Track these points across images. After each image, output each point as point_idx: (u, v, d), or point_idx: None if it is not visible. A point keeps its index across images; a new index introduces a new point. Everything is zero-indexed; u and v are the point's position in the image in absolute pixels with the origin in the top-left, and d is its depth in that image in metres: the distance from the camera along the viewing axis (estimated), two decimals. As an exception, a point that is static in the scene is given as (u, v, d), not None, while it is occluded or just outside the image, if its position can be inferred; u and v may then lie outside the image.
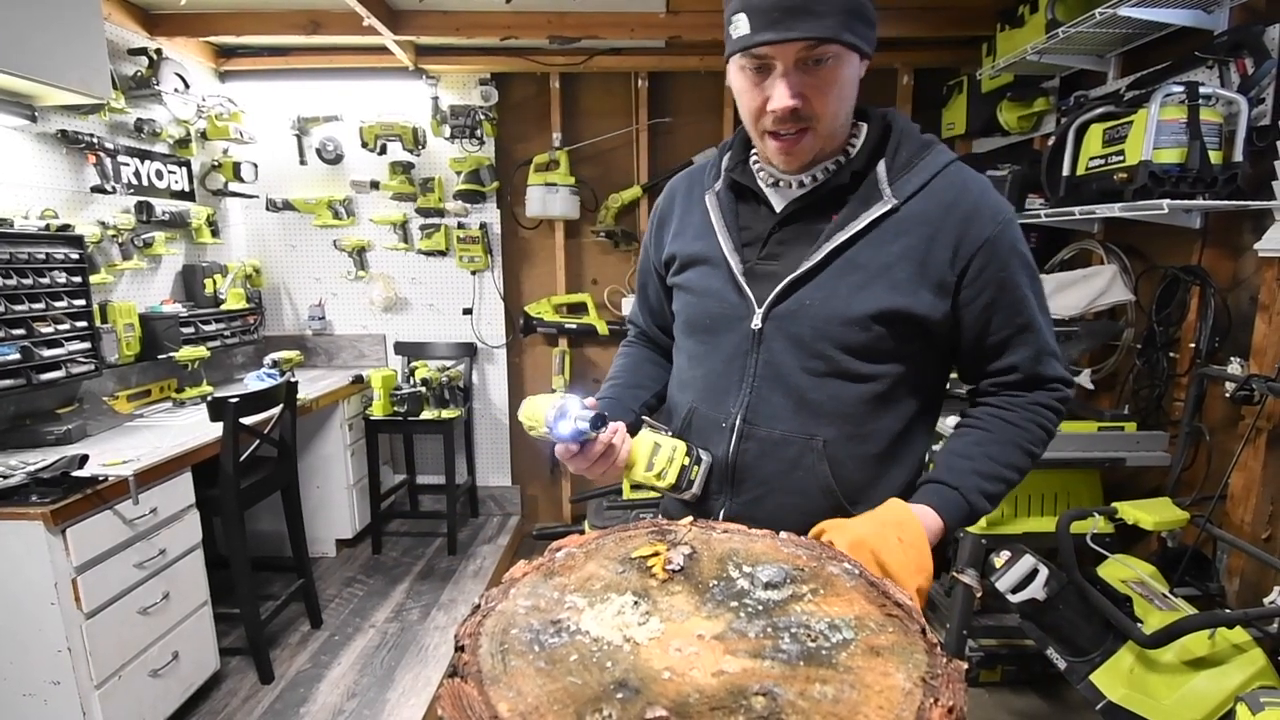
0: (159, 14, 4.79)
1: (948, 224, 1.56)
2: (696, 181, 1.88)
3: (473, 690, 0.77)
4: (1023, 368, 1.64)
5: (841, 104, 1.53)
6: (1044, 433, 1.65)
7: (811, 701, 0.75)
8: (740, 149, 1.78)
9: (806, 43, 1.41)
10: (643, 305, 2.10)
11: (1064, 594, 2.91)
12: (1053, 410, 1.66)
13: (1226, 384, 3.17)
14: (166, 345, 4.52)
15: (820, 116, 1.50)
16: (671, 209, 1.92)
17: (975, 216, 1.57)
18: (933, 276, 1.56)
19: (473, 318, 6.05)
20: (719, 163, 1.83)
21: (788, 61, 1.44)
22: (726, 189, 1.78)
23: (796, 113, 1.48)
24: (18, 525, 2.83)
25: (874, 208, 1.57)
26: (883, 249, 1.56)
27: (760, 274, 1.66)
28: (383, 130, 5.50)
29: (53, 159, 4.05)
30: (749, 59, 1.48)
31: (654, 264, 1.97)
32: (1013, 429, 1.63)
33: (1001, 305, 1.59)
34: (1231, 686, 2.55)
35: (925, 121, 5.31)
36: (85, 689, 3.02)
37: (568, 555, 1.07)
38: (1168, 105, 3.01)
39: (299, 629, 4.51)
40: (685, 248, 1.81)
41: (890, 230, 1.57)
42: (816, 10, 1.39)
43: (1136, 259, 3.88)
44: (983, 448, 1.62)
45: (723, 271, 1.71)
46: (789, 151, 1.56)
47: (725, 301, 1.70)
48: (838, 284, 1.58)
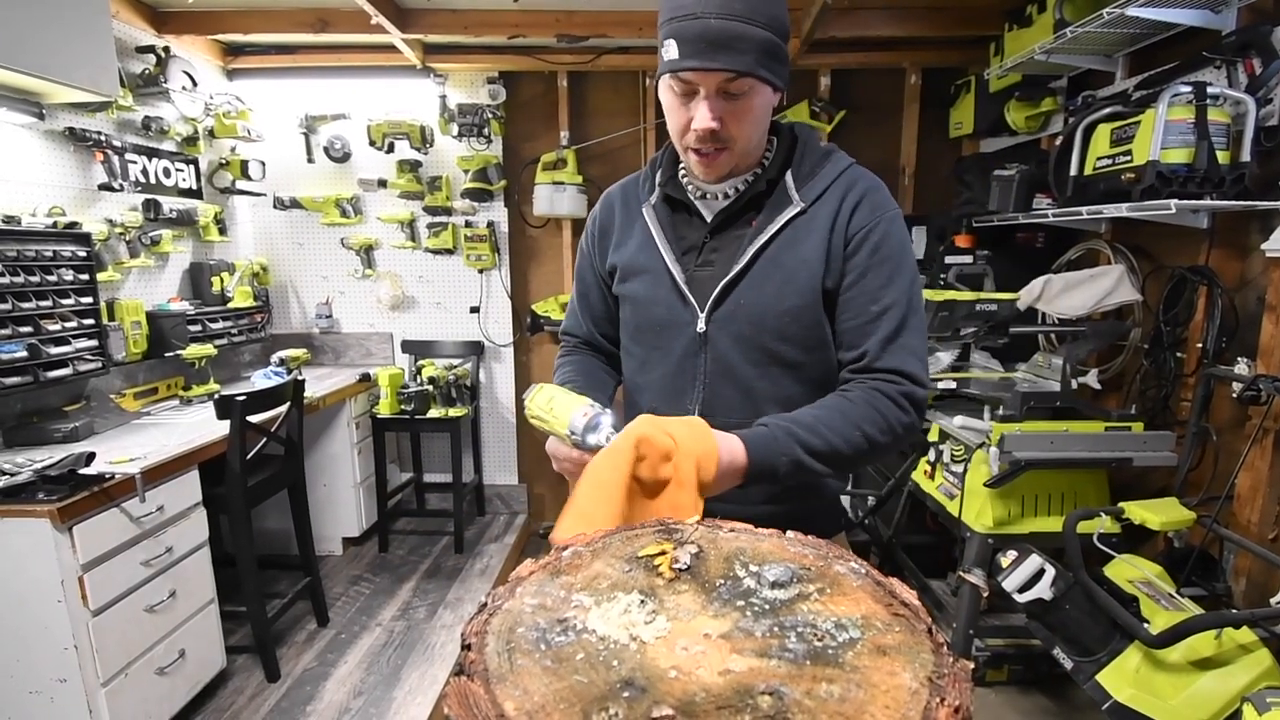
0: (167, 12, 4.80)
1: (842, 212, 1.73)
2: (631, 194, 2.00)
3: (479, 689, 0.77)
4: (870, 353, 1.69)
5: (755, 128, 1.70)
6: (879, 416, 1.64)
7: (818, 701, 0.75)
8: (669, 164, 1.93)
9: (726, 74, 1.57)
10: (584, 313, 2.14)
11: (1070, 594, 2.91)
12: (892, 400, 1.66)
13: (1233, 384, 3.16)
14: (174, 343, 4.53)
15: (736, 139, 1.67)
16: (611, 220, 2.02)
17: (862, 206, 1.74)
18: (836, 259, 1.72)
19: (480, 316, 6.06)
20: (652, 177, 1.96)
21: (710, 88, 1.59)
22: (661, 201, 1.91)
23: (716, 134, 1.63)
24: (25, 523, 2.84)
25: (786, 211, 1.75)
26: (798, 246, 1.73)
27: (699, 280, 1.80)
28: (390, 129, 5.50)
29: (60, 156, 4.06)
30: (677, 81, 1.63)
31: (599, 273, 2.05)
32: (846, 404, 1.65)
33: (865, 290, 1.71)
34: (1238, 687, 2.55)
35: (933, 121, 5.37)
36: (91, 686, 3.03)
37: (574, 554, 1.07)
38: (1175, 105, 3.01)
39: (305, 627, 4.52)
40: (629, 259, 1.92)
41: (802, 229, 1.74)
42: (737, 47, 1.55)
43: (1144, 259, 3.88)
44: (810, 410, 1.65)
45: (666, 281, 1.83)
46: (708, 166, 1.72)
47: (671, 309, 1.83)
48: (765, 283, 1.74)
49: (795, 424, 1.58)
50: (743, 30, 1.55)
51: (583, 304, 2.13)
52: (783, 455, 1.54)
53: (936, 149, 5.55)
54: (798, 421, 1.59)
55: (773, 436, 1.55)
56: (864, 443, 1.62)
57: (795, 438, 1.56)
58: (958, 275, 4.42)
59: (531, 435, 6.30)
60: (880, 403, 1.64)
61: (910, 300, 1.72)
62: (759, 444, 1.53)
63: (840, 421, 1.61)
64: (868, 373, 1.69)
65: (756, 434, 1.55)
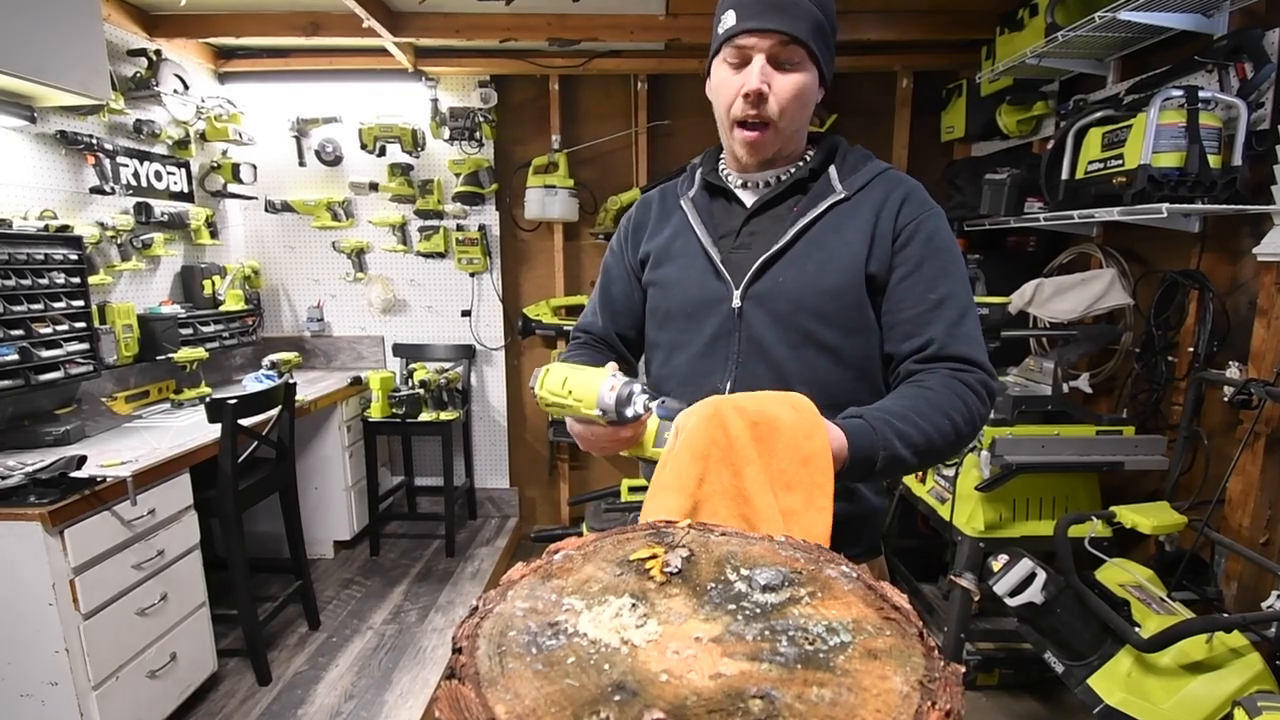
0: (158, 15, 4.80)
1: (889, 204, 1.75)
2: (670, 192, 2.05)
3: (470, 692, 0.77)
4: (938, 340, 1.65)
5: (800, 109, 1.73)
6: (964, 405, 1.58)
7: (809, 704, 0.75)
8: (711, 160, 1.99)
9: (780, 37, 1.63)
10: (604, 308, 2.12)
11: (1062, 598, 2.91)
12: (971, 389, 1.61)
13: (1225, 388, 3.17)
14: (165, 346, 4.52)
15: (782, 114, 1.70)
16: (647, 216, 2.07)
17: (910, 200, 1.76)
18: (882, 246, 1.72)
19: (471, 320, 6.06)
20: (693, 175, 2.01)
21: (764, 50, 1.65)
22: (701, 190, 1.96)
23: (762, 99, 1.67)
24: (16, 526, 2.83)
25: (830, 197, 1.78)
26: (841, 229, 1.74)
27: (735, 260, 1.81)
28: (382, 132, 5.50)
29: (52, 160, 4.06)
30: (732, 50, 1.69)
31: (629, 265, 2.07)
32: (930, 392, 1.58)
33: (922, 279, 1.70)
34: (1229, 691, 2.56)
35: (924, 125, 5.39)
36: (83, 690, 3.02)
37: (565, 557, 1.07)
38: (1167, 109, 3.02)
39: (297, 630, 4.51)
40: (662, 245, 1.95)
41: (845, 215, 1.76)
42: (792, 13, 1.63)
43: (1135, 263, 3.89)
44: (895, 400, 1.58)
45: (701, 262, 1.85)
46: (754, 144, 1.75)
47: (705, 287, 1.83)
48: (805, 261, 1.74)
49: (888, 414, 1.50)
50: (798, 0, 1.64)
51: (603, 298, 2.12)
52: (881, 448, 1.45)
53: (928, 153, 5.56)
54: (890, 411, 1.51)
55: (870, 427, 1.46)
56: (953, 433, 1.56)
57: (892, 428, 1.48)
58: (949, 279, 4.43)
59: (523, 439, 6.31)
60: (962, 391, 1.59)
61: (967, 292, 1.73)
62: (859, 434, 1.44)
63: (931, 411, 1.54)
64: (937, 360, 1.65)
65: (854, 424, 1.46)
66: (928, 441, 1.51)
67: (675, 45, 5.22)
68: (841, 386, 1.74)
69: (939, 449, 1.54)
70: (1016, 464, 3.35)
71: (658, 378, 1.97)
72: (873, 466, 1.45)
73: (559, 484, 6.34)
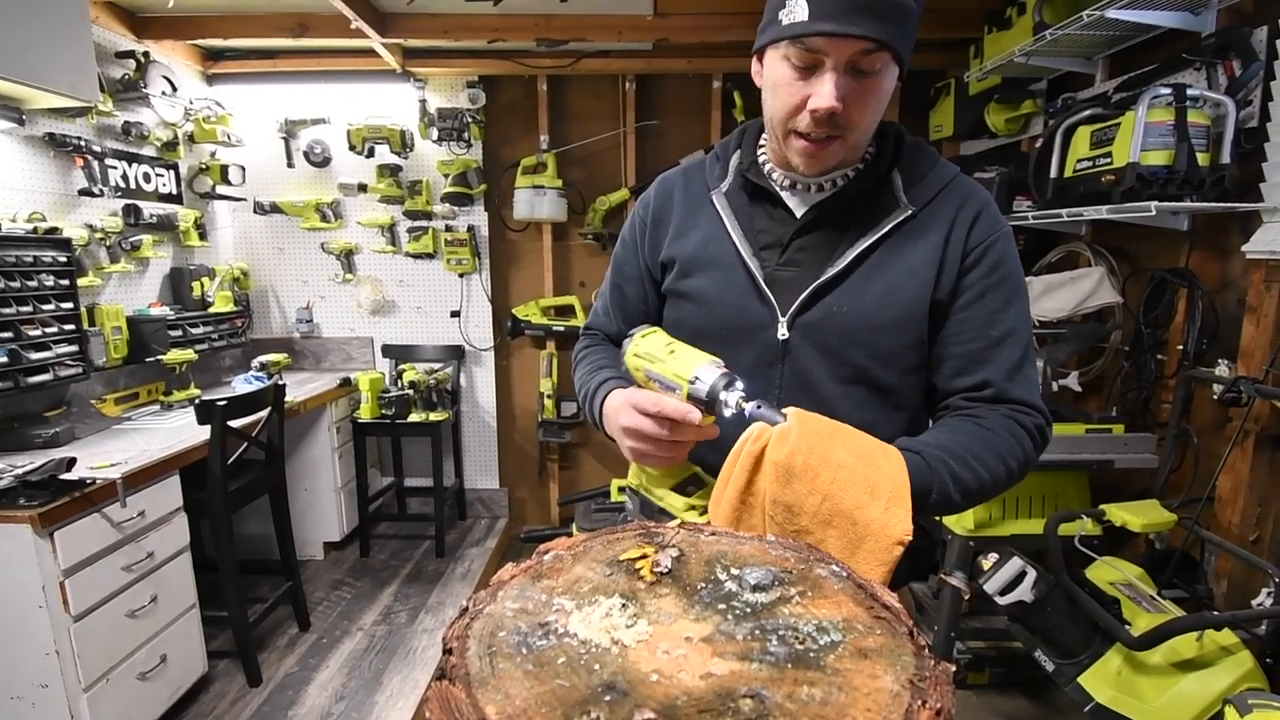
0: (146, 17, 4.78)
1: (959, 222, 1.56)
2: (696, 179, 1.79)
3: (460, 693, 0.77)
4: (996, 384, 1.53)
5: (876, 116, 1.50)
6: (1019, 449, 1.49)
7: (799, 704, 0.75)
8: (750, 147, 1.73)
9: (866, 43, 1.35)
10: (616, 308, 1.91)
11: (1052, 596, 2.91)
12: (1028, 433, 1.51)
13: (1214, 386, 3.18)
14: (154, 348, 4.51)
15: (855, 127, 1.46)
16: (669, 206, 1.80)
17: (983, 217, 1.58)
18: (950, 272, 1.56)
19: (460, 320, 6.05)
20: (726, 161, 1.76)
21: (840, 60, 1.38)
22: (739, 189, 1.71)
23: (834, 117, 1.42)
24: (5, 528, 2.82)
25: (894, 214, 1.57)
26: (905, 254, 1.55)
27: (781, 280, 1.60)
28: (370, 133, 5.49)
29: (40, 162, 4.04)
30: (798, 50, 1.41)
31: (646, 265, 1.83)
32: (987, 433, 1.48)
33: (984, 310, 1.55)
34: (1219, 688, 2.56)
35: (913, 124, 5.37)
36: (73, 692, 3.01)
37: (555, 558, 1.07)
38: (1155, 107, 3.02)
39: (287, 632, 4.50)
40: (690, 250, 1.71)
41: (909, 235, 1.56)
42: (883, 12, 1.35)
43: (1124, 261, 3.89)
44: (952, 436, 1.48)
45: (740, 277, 1.63)
46: (814, 156, 1.51)
47: (744, 310, 1.62)
48: (864, 289, 1.55)
49: (946, 453, 1.41)
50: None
51: (616, 298, 1.91)
52: (935, 490, 1.38)
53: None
54: (947, 450, 1.42)
55: (927, 466, 1.38)
56: (1005, 478, 1.47)
57: (949, 469, 1.39)
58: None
59: (513, 440, 6.30)
60: (1020, 435, 1.50)
61: (1029, 327, 1.59)
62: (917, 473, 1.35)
63: (987, 454, 1.45)
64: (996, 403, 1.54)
65: (912, 461, 1.36)
66: (980, 486, 1.43)
67: (663, 45, 5.20)
68: (890, 430, 1.53)
69: (987, 492, 1.46)
70: (1006, 462, 3.35)
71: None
72: (925, 504, 1.37)
73: (549, 484, 6.33)
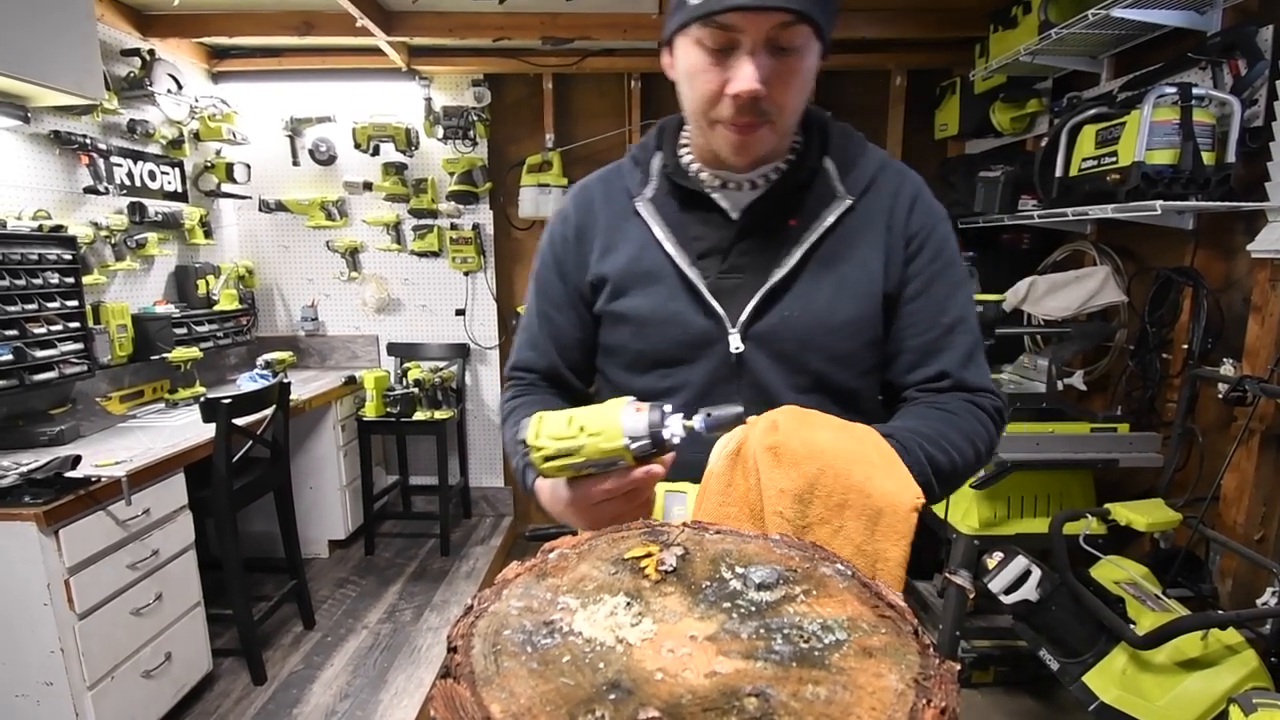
0: (152, 15, 4.78)
1: (898, 208, 1.51)
2: (616, 187, 1.64)
3: (465, 691, 0.77)
4: (953, 374, 1.48)
5: (802, 97, 1.39)
6: (984, 430, 1.43)
7: (804, 702, 0.75)
8: (670, 147, 1.61)
9: (784, 15, 1.24)
10: (547, 341, 1.70)
11: (1057, 595, 2.91)
12: (989, 415, 1.47)
13: (1219, 385, 3.17)
14: (159, 346, 4.51)
15: (782, 110, 1.35)
16: (591, 219, 1.63)
17: (919, 202, 1.53)
18: (895, 261, 1.49)
19: (465, 319, 6.06)
20: (647, 164, 1.62)
21: (758, 37, 1.26)
22: (666, 194, 1.57)
23: (758, 102, 1.31)
24: (10, 526, 2.83)
25: (834, 205, 1.48)
26: (851, 247, 1.48)
27: (727, 288, 1.49)
28: (375, 131, 5.49)
29: (46, 160, 4.05)
30: (711, 31, 1.28)
31: (573, 286, 1.65)
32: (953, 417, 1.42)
33: (934, 300, 1.50)
34: (1224, 688, 2.56)
35: (918, 123, 5.38)
36: (78, 690, 3.01)
37: (560, 556, 1.07)
38: (1161, 106, 3.02)
39: (292, 630, 4.50)
40: (624, 267, 1.56)
41: (853, 227, 1.49)
42: None
43: (1129, 260, 3.89)
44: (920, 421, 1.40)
45: (680, 291, 1.50)
46: (744, 145, 1.39)
47: (690, 326, 1.49)
48: (815, 290, 1.46)
49: (917, 435, 1.33)
50: None
51: (544, 327, 1.70)
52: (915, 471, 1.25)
53: (921, 151, 5.56)
54: (917, 432, 1.34)
55: (903, 447, 1.28)
56: (974, 459, 1.40)
57: (923, 450, 1.31)
58: (944, 277, 4.42)
59: (519, 438, 6.29)
60: (982, 417, 1.45)
61: (974, 311, 1.54)
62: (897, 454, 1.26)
63: (956, 436, 1.38)
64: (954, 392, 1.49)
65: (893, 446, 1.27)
66: (952, 469, 1.35)
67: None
68: None
69: (960, 475, 1.39)
70: (1011, 461, 3.35)
71: None
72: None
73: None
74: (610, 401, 1.21)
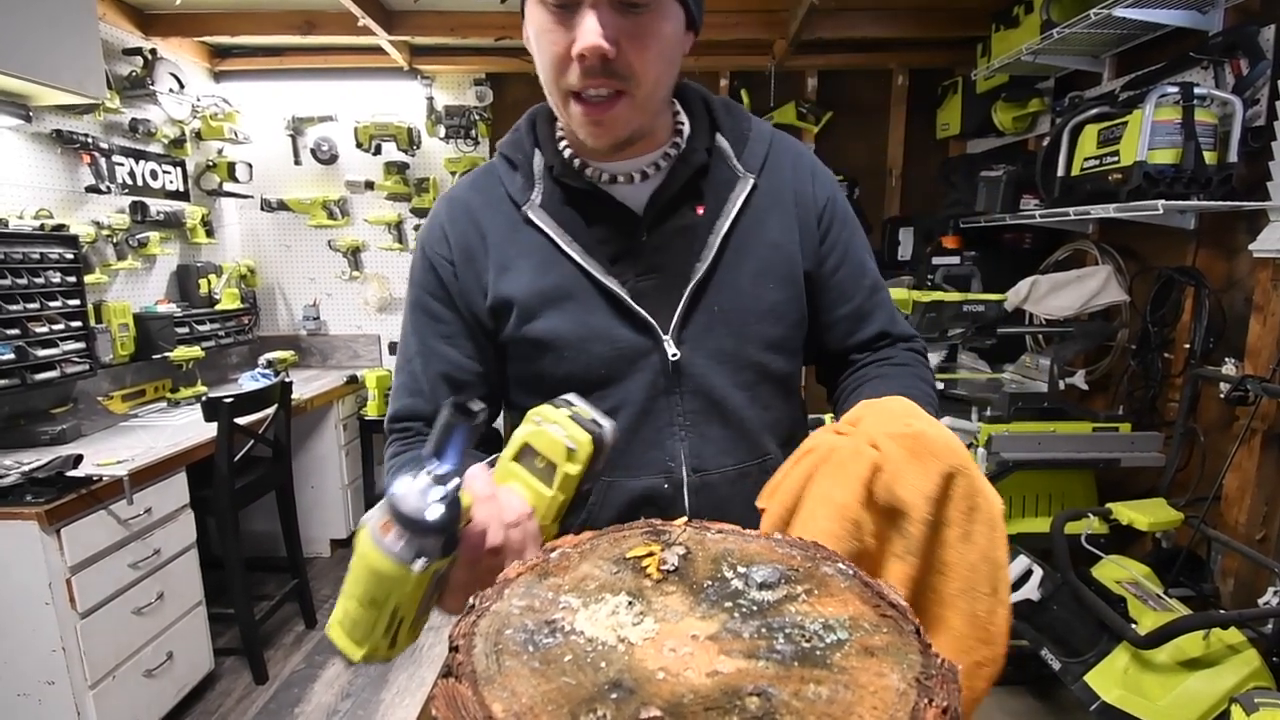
0: (154, 14, 4.78)
1: (801, 187, 1.45)
2: (494, 196, 1.45)
3: (467, 690, 0.77)
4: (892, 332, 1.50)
5: (664, 67, 1.26)
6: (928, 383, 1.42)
7: (805, 702, 0.75)
8: (549, 143, 1.44)
9: None
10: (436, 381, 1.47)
11: (1058, 595, 2.91)
12: (925, 365, 1.50)
13: (1221, 385, 3.17)
14: (161, 345, 4.51)
15: (638, 77, 1.21)
16: (473, 237, 1.44)
17: (818, 176, 1.48)
18: (809, 236, 1.44)
19: (468, 318, 6.00)
20: (527, 165, 1.45)
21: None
22: (556, 197, 1.41)
23: (609, 64, 1.18)
24: (12, 525, 2.83)
25: (738, 187, 1.40)
26: (762, 228, 1.40)
27: (647, 292, 1.36)
28: (377, 130, 5.50)
29: (48, 159, 4.05)
30: None
31: (472, 314, 1.45)
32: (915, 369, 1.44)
33: (852, 266, 1.48)
34: (1226, 687, 2.55)
35: (920, 122, 5.38)
36: (79, 689, 3.02)
37: (562, 555, 1.07)
38: (1163, 106, 3.02)
39: (293, 629, 4.51)
40: (529, 286, 1.38)
41: (760, 207, 1.41)
42: None
43: (1131, 260, 3.89)
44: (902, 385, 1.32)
45: (600, 303, 1.36)
46: (598, 121, 1.25)
47: (618, 340, 1.36)
48: (737, 278, 1.38)
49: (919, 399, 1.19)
50: None
51: (430, 365, 1.47)
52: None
53: (923, 150, 5.56)
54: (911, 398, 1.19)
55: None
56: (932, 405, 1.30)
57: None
58: (945, 276, 4.42)
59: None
60: (920, 367, 1.46)
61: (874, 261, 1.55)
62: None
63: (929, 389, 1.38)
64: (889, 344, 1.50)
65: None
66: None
67: (671, 43, 5.21)
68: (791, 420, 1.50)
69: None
70: (1013, 461, 3.35)
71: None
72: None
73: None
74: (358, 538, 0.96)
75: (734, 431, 1.40)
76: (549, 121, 1.45)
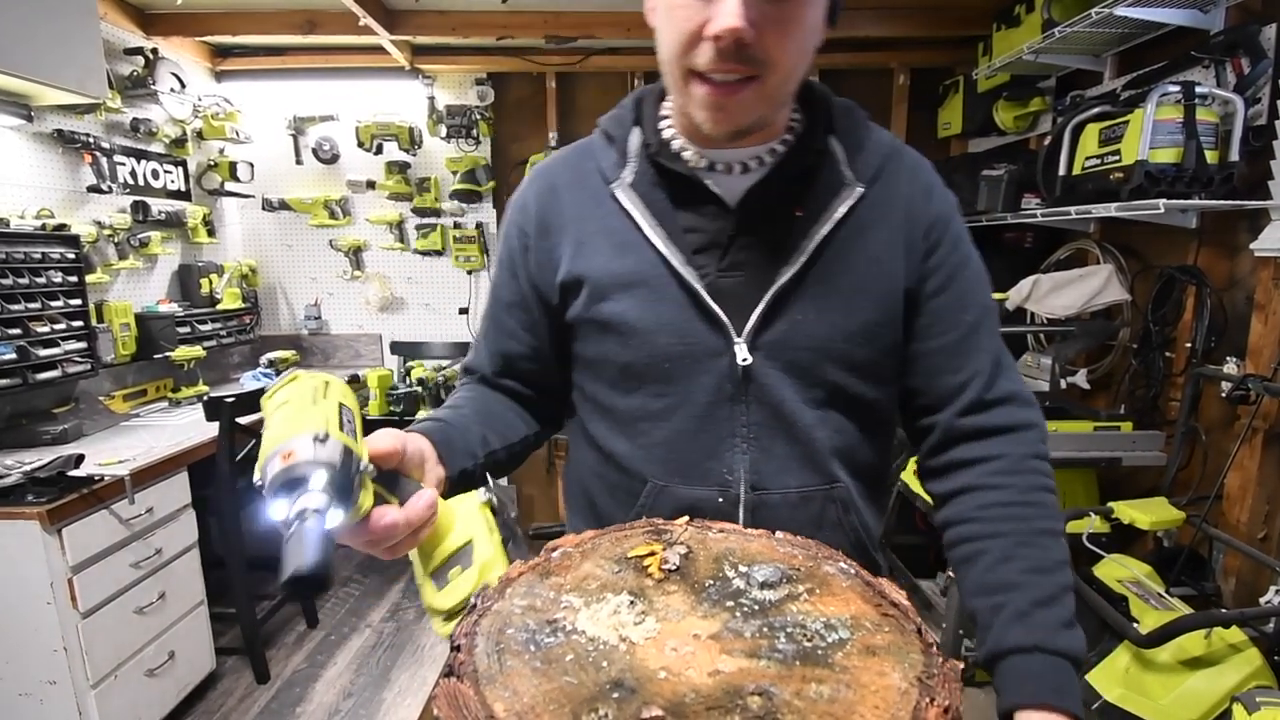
0: (155, 14, 4.78)
1: (915, 198, 1.34)
2: (585, 170, 1.42)
3: (469, 690, 0.77)
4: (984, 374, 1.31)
5: (800, 57, 1.17)
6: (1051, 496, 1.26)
7: (807, 701, 0.75)
8: (651, 123, 1.38)
9: None
10: (498, 344, 1.51)
11: (1060, 593, 2.90)
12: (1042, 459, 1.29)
13: (1222, 384, 3.17)
14: (162, 345, 4.51)
15: (773, 65, 1.13)
16: (556, 210, 1.41)
17: (935, 193, 1.37)
18: (914, 255, 1.32)
19: (469, 317, 6.04)
20: (623, 143, 1.40)
21: None
22: (648, 179, 1.35)
23: (744, 48, 1.09)
24: (14, 525, 2.83)
25: (844, 194, 1.30)
26: (865, 241, 1.29)
27: (727, 290, 1.28)
28: (379, 130, 5.50)
29: (49, 158, 4.05)
30: None
31: (534, 288, 1.44)
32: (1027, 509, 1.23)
33: (954, 295, 1.34)
34: (1228, 686, 2.55)
35: (921, 121, 5.38)
36: (81, 689, 3.02)
37: (564, 555, 1.07)
38: (1164, 105, 3.01)
39: (295, 629, 4.51)
40: (603, 266, 1.34)
41: (866, 218, 1.30)
42: None
43: (1132, 259, 3.88)
44: (1016, 563, 1.18)
45: (675, 294, 1.29)
46: (722, 105, 1.17)
47: (687, 335, 1.29)
48: (828, 290, 1.27)
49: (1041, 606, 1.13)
50: None
51: (495, 333, 1.51)
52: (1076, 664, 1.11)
53: (924, 149, 5.41)
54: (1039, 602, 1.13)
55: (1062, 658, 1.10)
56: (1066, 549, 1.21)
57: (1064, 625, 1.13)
58: (947, 275, 4.41)
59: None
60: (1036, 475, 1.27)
61: (994, 305, 1.38)
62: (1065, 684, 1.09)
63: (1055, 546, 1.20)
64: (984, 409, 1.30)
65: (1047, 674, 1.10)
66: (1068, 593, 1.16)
67: (672, 42, 5.20)
68: (870, 453, 1.38)
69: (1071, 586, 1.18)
70: (1014, 460, 3.34)
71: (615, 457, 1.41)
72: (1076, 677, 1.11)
73: (557, 481, 6.30)
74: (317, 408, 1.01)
75: (801, 450, 1.30)
76: (656, 101, 1.42)
